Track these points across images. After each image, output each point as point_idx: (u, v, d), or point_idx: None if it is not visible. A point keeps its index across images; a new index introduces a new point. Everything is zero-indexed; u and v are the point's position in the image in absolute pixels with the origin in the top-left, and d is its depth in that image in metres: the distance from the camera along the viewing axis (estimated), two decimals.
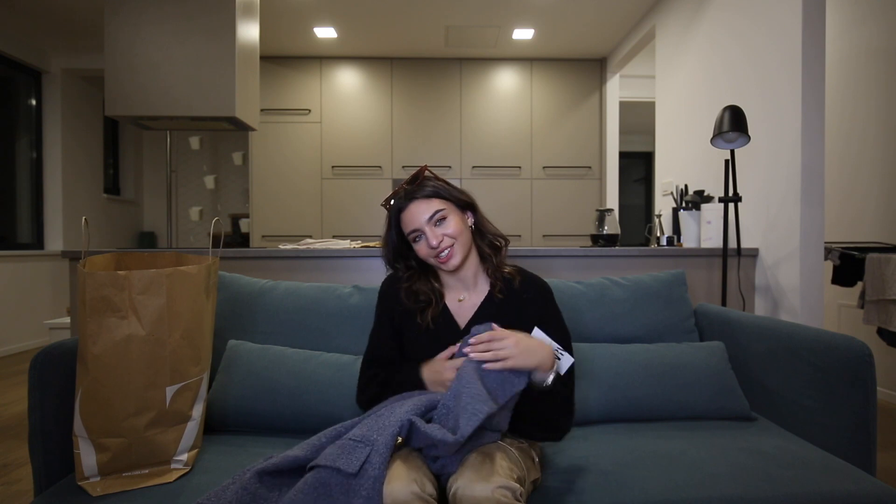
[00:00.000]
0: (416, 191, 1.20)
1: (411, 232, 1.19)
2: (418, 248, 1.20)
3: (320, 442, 0.95)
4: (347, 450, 0.89)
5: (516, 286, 1.23)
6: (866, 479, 1.09)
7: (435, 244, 1.16)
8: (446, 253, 1.17)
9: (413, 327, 1.22)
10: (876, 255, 2.27)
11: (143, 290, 1.05)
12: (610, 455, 1.18)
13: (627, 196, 6.57)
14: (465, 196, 1.24)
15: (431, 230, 1.17)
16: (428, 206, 1.18)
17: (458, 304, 1.24)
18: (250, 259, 2.13)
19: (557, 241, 4.75)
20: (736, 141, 2.09)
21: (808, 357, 1.35)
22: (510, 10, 3.85)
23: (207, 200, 5.32)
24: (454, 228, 1.18)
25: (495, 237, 1.27)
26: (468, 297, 1.24)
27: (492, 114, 4.80)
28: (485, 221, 1.27)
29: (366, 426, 0.94)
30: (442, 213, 1.18)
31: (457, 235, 1.18)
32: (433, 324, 1.21)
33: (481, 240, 1.26)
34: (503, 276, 1.24)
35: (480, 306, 1.23)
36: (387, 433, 0.90)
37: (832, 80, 3.16)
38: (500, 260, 1.25)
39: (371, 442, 0.89)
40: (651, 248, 2.41)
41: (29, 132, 4.54)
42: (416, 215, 1.18)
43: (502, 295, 1.22)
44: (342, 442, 0.92)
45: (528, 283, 1.25)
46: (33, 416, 1.12)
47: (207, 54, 2.70)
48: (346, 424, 1.00)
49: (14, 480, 1.96)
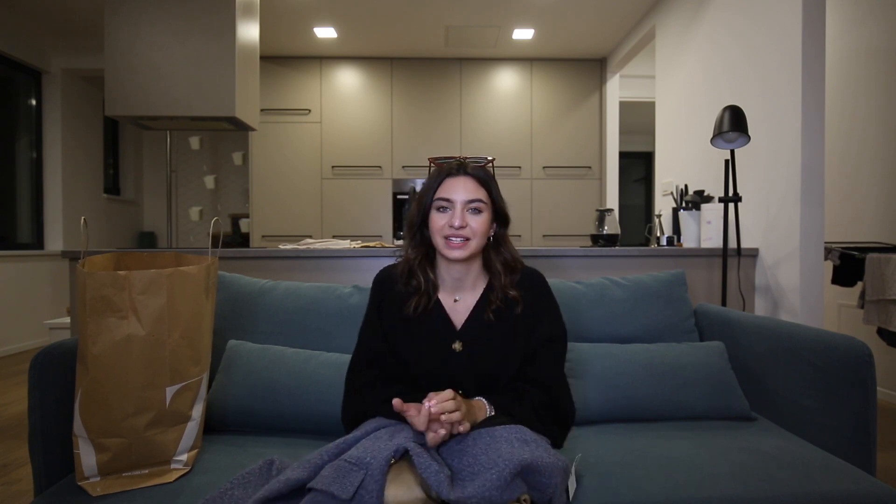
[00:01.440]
0: (475, 171, 1.18)
1: (443, 199, 1.16)
2: (436, 220, 1.16)
3: (322, 460, 0.93)
4: (343, 473, 0.87)
5: (516, 312, 1.20)
6: (866, 479, 1.09)
7: (458, 224, 1.13)
8: (459, 241, 1.14)
9: (403, 318, 1.20)
10: (876, 255, 2.27)
11: (144, 290, 1.05)
12: (610, 455, 1.18)
13: (627, 196, 6.57)
14: (505, 207, 1.22)
15: (462, 211, 1.15)
16: (476, 189, 1.16)
17: (453, 303, 1.23)
18: (250, 259, 2.13)
19: (557, 241, 4.75)
20: (736, 141, 2.09)
21: (808, 357, 1.35)
22: (510, 10, 3.85)
23: (207, 200, 5.32)
24: (480, 226, 1.16)
25: (513, 259, 1.24)
26: (463, 298, 1.23)
27: (492, 114, 4.80)
28: (508, 239, 1.25)
29: (363, 447, 0.93)
30: (480, 205, 1.16)
31: (479, 232, 1.16)
32: (427, 317, 1.19)
33: (496, 254, 1.23)
34: (506, 298, 1.21)
35: (474, 310, 1.21)
36: (381, 456, 0.88)
37: (832, 80, 3.16)
38: (507, 281, 1.21)
39: (366, 465, 0.87)
40: (651, 248, 2.41)
41: (29, 132, 4.54)
42: (462, 190, 1.15)
43: (493, 316, 1.19)
44: (338, 463, 0.89)
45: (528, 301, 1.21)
46: (33, 416, 1.12)
47: (207, 54, 2.70)
48: (348, 440, 0.99)
49: (14, 480, 1.96)
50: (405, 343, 1.20)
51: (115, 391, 1.03)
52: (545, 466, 0.90)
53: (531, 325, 1.21)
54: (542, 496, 0.91)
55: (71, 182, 4.70)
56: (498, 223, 1.23)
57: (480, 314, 1.20)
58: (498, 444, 0.92)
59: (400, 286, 1.22)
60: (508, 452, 0.89)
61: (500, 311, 1.20)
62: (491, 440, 0.93)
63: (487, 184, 1.18)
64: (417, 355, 1.19)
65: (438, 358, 1.18)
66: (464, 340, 1.19)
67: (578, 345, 1.51)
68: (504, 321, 1.20)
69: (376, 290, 1.26)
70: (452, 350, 1.18)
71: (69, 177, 4.68)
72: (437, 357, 1.18)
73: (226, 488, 0.94)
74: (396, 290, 1.22)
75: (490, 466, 0.86)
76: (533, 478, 0.90)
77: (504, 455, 0.88)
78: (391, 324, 1.22)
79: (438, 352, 1.18)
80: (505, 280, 1.21)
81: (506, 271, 1.22)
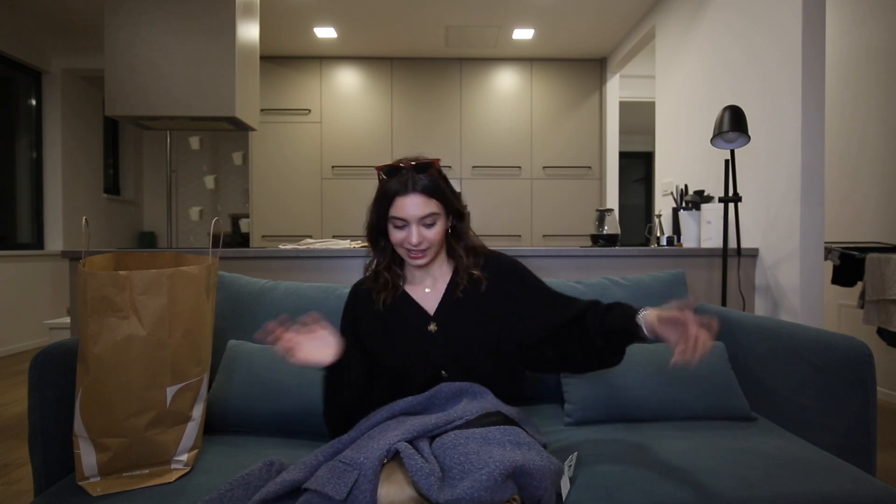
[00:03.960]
0: (422, 183, 1.16)
1: (397, 218, 1.17)
2: (394, 233, 1.19)
3: (317, 461, 0.94)
4: (337, 473, 0.87)
5: (483, 290, 1.23)
6: (866, 479, 1.09)
7: (415, 242, 1.16)
8: (419, 253, 1.18)
9: (376, 315, 1.23)
10: (876, 255, 2.27)
11: (144, 291, 1.05)
12: (609, 455, 1.18)
13: (627, 196, 6.57)
14: (459, 205, 1.24)
15: (418, 229, 1.16)
16: (426, 205, 1.16)
17: (424, 293, 1.26)
18: (250, 259, 2.13)
19: (557, 241, 4.75)
20: (736, 141, 2.09)
21: (808, 357, 1.35)
22: (510, 10, 3.85)
23: (207, 200, 5.32)
24: (436, 235, 1.18)
25: (475, 247, 1.28)
26: (434, 286, 1.26)
27: (492, 114, 4.80)
28: (468, 230, 1.28)
29: (357, 447, 0.93)
30: (434, 218, 1.17)
31: (436, 240, 1.19)
32: (399, 310, 1.23)
33: (456, 241, 1.26)
34: (471, 278, 1.24)
35: (445, 294, 1.24)
36: (374, 456, 0.88)
37: (832, 80, 3.16)
38: (471, 262, 1.25)
39: (359, 465, 0.87)
40: (651, 248, 2.41)
41: (29, 132, 4.54)
42: (412, 208, 1.15)
43: (462, 294, 1.22)
44: (333, 464, 0.90)
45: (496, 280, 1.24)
46: (33, 416, 1.12)
47: (207, 54, 2.70)
48: (343, 440, 0.99)
49: (14, 480, 1.96)
50: (380, 338, 1.22)
51: (116, 391, 1.03)
52: (536, 470, 0.90)
53: (502, 303, 1.22)
54: (532, 499, 0.91)
55: (71, 182, 4.70)
56: (455, 217, 1.25)
57: (450, 296, 1.24)
58: (490, 447, 0.92)
59: (368, 285, 1.27)
60: (500, 454, 0.89)
61: (467, 290, 1.23)
62: (483, 441, 0.94)
63: (437, 192, 1.17)
64: (393, 345, 1.21)
65: (415, 344, 1.20)
66: (438, 321, 1.21)
67: None
68: (472, 298, 1.23)
69: (349, 305, 1.31)
70: (428, 332, 1.20)
71: (69, 177, 4.68)
72: (413, 343, 1.20)
73: (225, 490, 0.94)
74: (365, 290, 1.27)
75: (480, 466, 0.86)
76: (524, 480, 0.90)
77: (495, 457, 0.88)
78: (366, 325, 1.25)
79: (415, 337, 1.21)
80: (468, 261, 1.25)
81: (468, 254, 1.26)
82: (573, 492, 1.04)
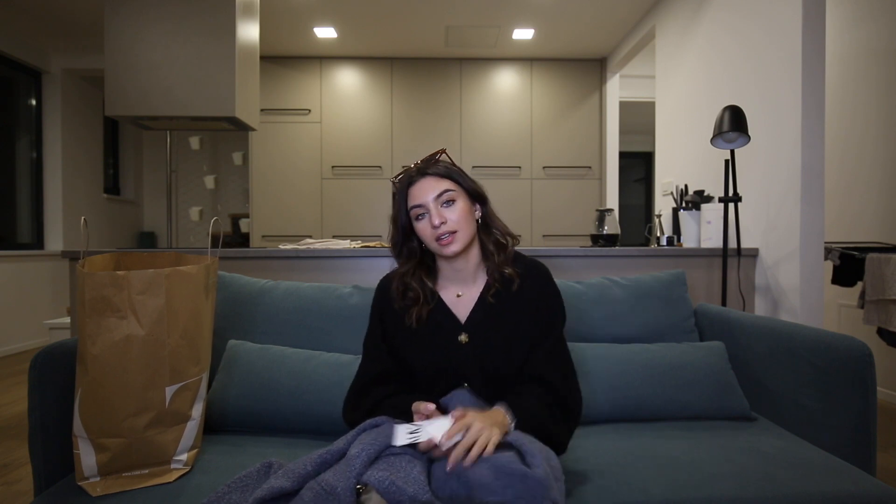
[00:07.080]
0: (429, 167, 1.18)
1: (415, 207, 1.15)
2: (421, 229, 1.16)
3: (305, 470, 0.93)
4: (319, 500, 0.86)
5: (514, 289, 1.20)
6: (866, 479, 1.08)
7: (437, 223, 1.12)
8: (447, 237, 1.14)
9: (406, 328, 1.20)
10: (876, 255, 2.26)
11: (143, 290, 1.05)
12: (610, 455, 1.18)
13: (627, 196, 6.57)
14: (476, 186, 1.21)
15: (436, 209, 1.14)
16: (438, 183, 1.15)
17: (456, 299, 1.22)
18: (250, 259, 2.13)
19: (557, 241, 4.75)
20: (736, 141, 2.09)
21: (808, 357, 1.35)
22: (510, 10, 3.85)
23: (207, 200, 5.32)
24: (459, 214, 1.15)
25: (503, 234, 1.23)
26: (466, 292, 1.22)
27: (492, 114, 4.80)
28: (493, 216, 1.24)
29: (337, 471, 0.91)
30: (450, 195, 1.15)
31: (461, 221, 1.15)
32: (426, 321, 1.19)
33: (486, 235, 1.22)
34: (502, 277, 1.20)
35: (478, 301, 1.21)
36: (348, 486, 0.87)
37: (832, 80, 3.15)
38: (502, 259, 1.21)
39: (337, 494, 0.86)
40: (651, 248, 2.41)
41: (29, 132, 4.54)
42: (425, 191, 1.15)
43: (494, 300, 1.19)
44: (315, 487, 0.88)
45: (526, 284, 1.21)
46: (33, 416, 1.12)
47: (207, 54, 2.70)
48: (331, 451, 0.97)
49: (14, 480, 1.96)
50: (409, 346, 1.20)
51: (115, 391, 1.03)
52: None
53: (531, 314, 1.19)
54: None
55: (71, 182, 4.70)
56: (478, 203, 1.23)
57: (483, 303, 1.20)
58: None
59: (398, 303, 1.22)
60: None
61: (499, 293, 1.20)
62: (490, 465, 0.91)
63: (449, 173, 1.18)
64: (421, 354, 1.18)
65: (443, 353, 1.17)
66: (469, 332, 1.18)
67: (578, 345, 1.51)
68: (504, 303, 1.19)
69: (378, 301, 1.27)
70: (458, 342, 1.17)
71: (69, 177, 4.68)
72: (442, 352, 1.17)
73: (223, 491, 0.93)
74: (395, 308, 1.22)
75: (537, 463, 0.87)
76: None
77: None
78: (394, 334, 1.22)
79: (443, 346, 1.17)
80: (499, 259, 1.21)
81: (498, 251, 1.21)
82: (572, 493, 1.04)
